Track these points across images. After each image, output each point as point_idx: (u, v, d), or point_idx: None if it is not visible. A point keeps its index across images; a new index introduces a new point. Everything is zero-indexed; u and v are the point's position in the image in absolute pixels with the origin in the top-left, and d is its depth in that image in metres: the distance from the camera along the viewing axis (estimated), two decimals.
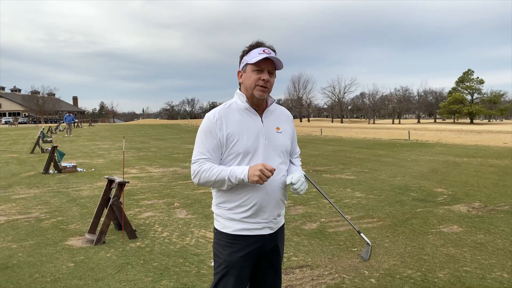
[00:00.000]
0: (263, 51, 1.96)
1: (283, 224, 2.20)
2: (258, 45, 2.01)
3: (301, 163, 2.30)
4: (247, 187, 1.96)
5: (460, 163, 12.32)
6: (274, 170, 1.87)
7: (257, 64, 1.95)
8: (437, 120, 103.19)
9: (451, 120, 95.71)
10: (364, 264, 4.06)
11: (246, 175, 1.86)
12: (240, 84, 2.09)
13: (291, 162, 2.22)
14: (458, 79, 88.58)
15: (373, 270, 3.92)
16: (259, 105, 2.05)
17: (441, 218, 5.78)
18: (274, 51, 2.02)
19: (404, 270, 3.91)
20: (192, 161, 2.03)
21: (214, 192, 2.08)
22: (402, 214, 6.01)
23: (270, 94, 2.08)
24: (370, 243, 2.29)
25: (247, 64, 2.00)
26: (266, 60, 1.96)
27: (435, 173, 10.15)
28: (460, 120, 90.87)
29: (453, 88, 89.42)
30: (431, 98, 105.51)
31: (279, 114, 2.16)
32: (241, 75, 2.06)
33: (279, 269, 2.20)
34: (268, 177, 1.84)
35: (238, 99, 2.06)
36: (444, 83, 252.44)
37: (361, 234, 2.34)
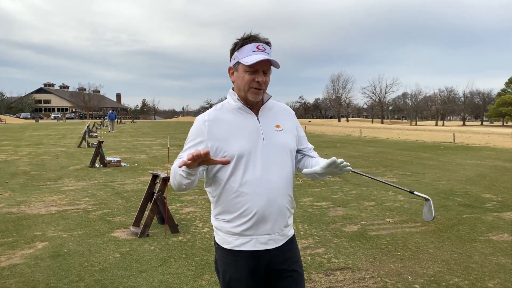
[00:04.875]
0: (257, 47, 1.72)
1: (293, 236, 1.93)
2: (251, 39, 1.75)
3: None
4: (244, 194, 1.74)
5: (510, 168, 11.70)
6: (203, 155, 1.47)
7: (251, 65, 1.72)
8: (484, 123, 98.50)
9: (500, 123, 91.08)
10: (407, 269, 3.96)
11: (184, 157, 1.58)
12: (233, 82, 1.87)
13: (307, 155, 1.97)
14: (509, 80, 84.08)
15: (417, 276, 3.81)
16: (253, 103, 1.83)
17: (490, 226, 5.52)
18: (268, 44, 1.78)
19: (450, 277, 3.77)
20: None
21: (212, 202, 1.89)
22: (447, 220, 5.79)
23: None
24: (429, 198, 1.98)
25: (239, 62, 1.76)
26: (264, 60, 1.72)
27: (482, 178, 9.70)
28: (510, 123, 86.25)
29: (503, 90, 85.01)
30: (478, 99, 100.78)
31: (278, 111, 1.92)
32: (232, 72, 1.83)
33: (296, 286, 1.89)
34: (190, 160, 1.47)
35: (231, 99, 1.85)
36: (493, 84, 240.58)
37: (415, 193, 2.04)
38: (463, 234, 5.14)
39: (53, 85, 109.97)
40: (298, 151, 1.98)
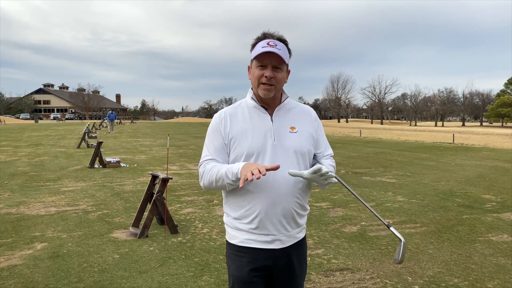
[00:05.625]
0: (268, 43, 1.72)
1: (303, 239, 1.91)
2: (264, 36, 1.78)
3: (333, 165, 1.94)
4: (250, 193, 1.75)
5: (510, 169, 11.71)
6: (275, 168, 1.58)
7: (258, 59, 1.73)
8: (484, 124, 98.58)
9: (499, 124, 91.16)
10: (407, 270, 3.95)
11: (240, 169, 1.63)
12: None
13: (318, 162, 1.91)
14: (508, 80, 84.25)
15: (416, 276, 3.81)
16: (269, 102, 1.83)
17: (489, 226, 5.52)
18: (283, 41, 1.78)
19: (450, 278, 3.77)
20: (199, 164, 1.88)
21: (223, 197, 1.92)
22: (447, 220, 5.79)
23: (284, 90, 1.88)
24: (402, 239, 1.81)
25: (252, 60, 1.79)
26: (271, 53, 1.70)
27: (482, 178, 9.70)
28: (509, 124, 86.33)
29: (502, 91, 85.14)
30: (478, 100, 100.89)
31: (297, 112, 1.90)
32: (250, 71, 1.86)
33: None
34: (257, 177, 1.51)
35: (248, 97, 1.87)
36: (492, 84, 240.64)
37: (391, 228, 1.86)
38: (463, 234, 5.14)
39: (52, 85, 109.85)
40: (314, 155, 1.93)
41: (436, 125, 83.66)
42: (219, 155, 1.82)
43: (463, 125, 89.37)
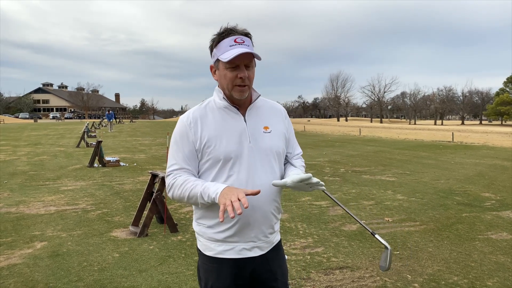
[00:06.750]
0: (235, 41, 1.61)
1: (279, 242, 1.85)
2: (228, 32, 1.63)
3: (304, 165, 1.90)
4: None
5: (509, 167, 11.72)
6: (256, 193, 1.49)
7: (230, 61, 1.61)
8: (483, 122, 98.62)
9: (498, 122, 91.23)
10: (406, 268, 3.96)
11: (218, 195, 1.51)
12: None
13: (289, 163, 1.86)
14: (507, 79, 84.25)
15: (416, 274, 3.81)
16: (240, 102, 1.71)
17: (489, 224, 5.53)
18: (247, 35, 1.66)
19: (449, 276, 3.78)
20: (166, 173, 1.73)
21: (193, 206, 1.78)
22: (446, 219, 5.80)
23: (253, 88, 1.77)
24: (388, 247, 1.82)
25: (219, 60, 1.65)
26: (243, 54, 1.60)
27: (481, 177, 9.71)
28: (508, 122, 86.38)
29: (501, 89, 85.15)
30: (477, 98, 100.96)
31: (267, 111, 1.80)
32: (215, 71, 1.72)
33: None
34: (238, 212, 1.40)
35: (217, 97, 1.74)
36: (491, 83, 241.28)
37: (376, 236, 1.88)
38: (462, 233, 5.14)
39: (51, 85, 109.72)
40: None
41: (435, 124, 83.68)
42: (189, 163, 1.69)
43: (463, 123, 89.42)
